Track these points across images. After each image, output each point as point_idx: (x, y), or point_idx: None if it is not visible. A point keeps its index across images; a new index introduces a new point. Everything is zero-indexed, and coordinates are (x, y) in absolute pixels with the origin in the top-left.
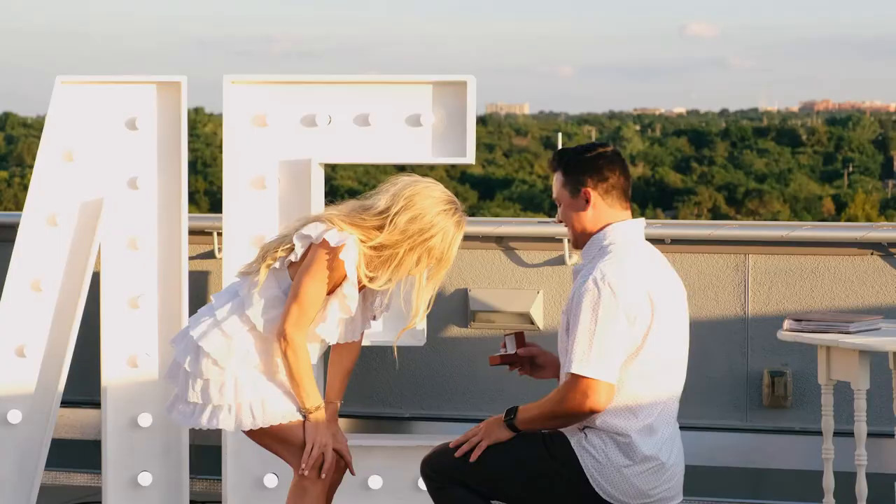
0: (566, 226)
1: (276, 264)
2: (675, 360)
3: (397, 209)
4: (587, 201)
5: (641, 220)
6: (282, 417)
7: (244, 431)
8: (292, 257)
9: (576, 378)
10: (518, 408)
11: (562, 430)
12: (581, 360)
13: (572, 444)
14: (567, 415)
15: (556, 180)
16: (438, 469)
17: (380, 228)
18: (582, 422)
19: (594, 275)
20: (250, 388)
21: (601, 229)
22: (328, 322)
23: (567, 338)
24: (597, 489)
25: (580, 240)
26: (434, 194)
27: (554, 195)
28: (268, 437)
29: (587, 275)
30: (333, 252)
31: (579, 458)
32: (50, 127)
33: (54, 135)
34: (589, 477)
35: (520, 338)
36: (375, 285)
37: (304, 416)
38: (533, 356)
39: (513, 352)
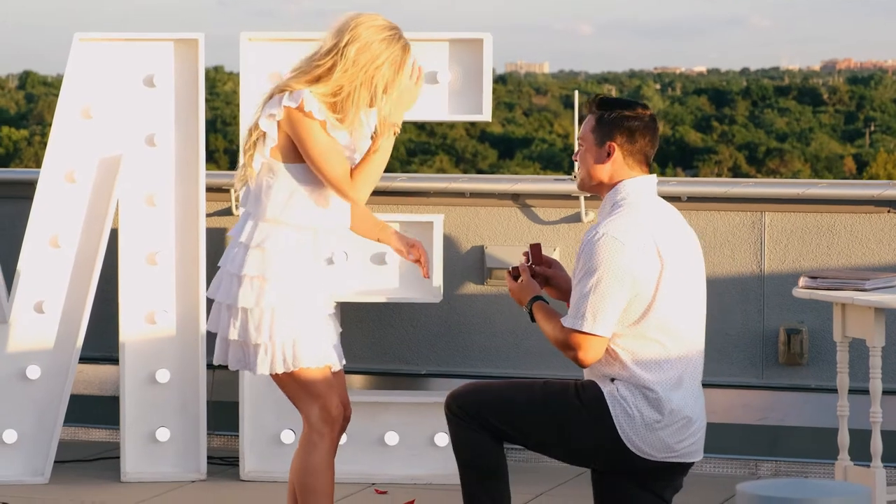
0: (580, 166)
1: (257, 159)
2: (692, 313)
3: (344, 42)
4: (609, 154)
5: (653, 177)
6: (313, 361)
7: (272, 376)
8: (269, 142)
9: (567, 331)
10: (540, 304)
11: (593, 379)
12: (575, 314)
13: (605, 394)
14: (561, 351)
15: (588, 122)
16: (465, 406)
17: (332, 69)
18: (609, 373)
19: (599, 229)
20: (286, 325)
21: (614, 185)
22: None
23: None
24: (625, 441)
25: (586, 184)
26: (377, 23)
27: (580, 134)
28: (293, 383)
29: (593, 229)
30: (302, 113)
31: (610, 408)
32: (68, 84)
33: (73, 92)
34: (618, 428)
35: (535, 250)
36: (346, 125)
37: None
38: (548, 277)
39: (528, 265)
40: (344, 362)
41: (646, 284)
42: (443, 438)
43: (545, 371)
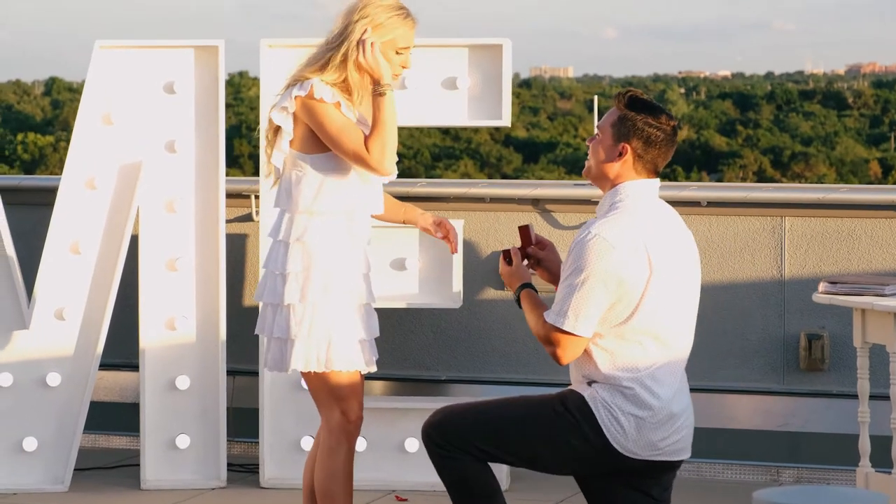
0: (590, 155)
1: (277, 156)
2: (680, 317)
3: (354, 20)
4: (621, 154)
5: (656, 181)
6: (344, 364)
7: (303, 373)
8: (286, 136)
9: (548, 327)
10: (528, 292)
11: (573, 388)
12: (558, 311)
13: (586, 398)
14: (541, 344)
15: (611, 115)
16: (446, 435)
17: (340, 50)
18: (588, 376)
19: (592, 229)
20: (325, 321)
21: (616, 185)
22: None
23: None
24: (612, 442)
25: (591, 173)
26: (385, 2)
27: (599, 123)
28: (320, 382)
29: (585, 229)
30: (313, 100)
31: (594, 411)
32: (89, 91)
33: (93, 99)
34: (604, 429)
35: (524, 233)
36: (356, 103)
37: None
38: (540, 259)
39: (519, 246)
40: (374, 366)
41: (632, 288)
42: None
43: (565, 377)
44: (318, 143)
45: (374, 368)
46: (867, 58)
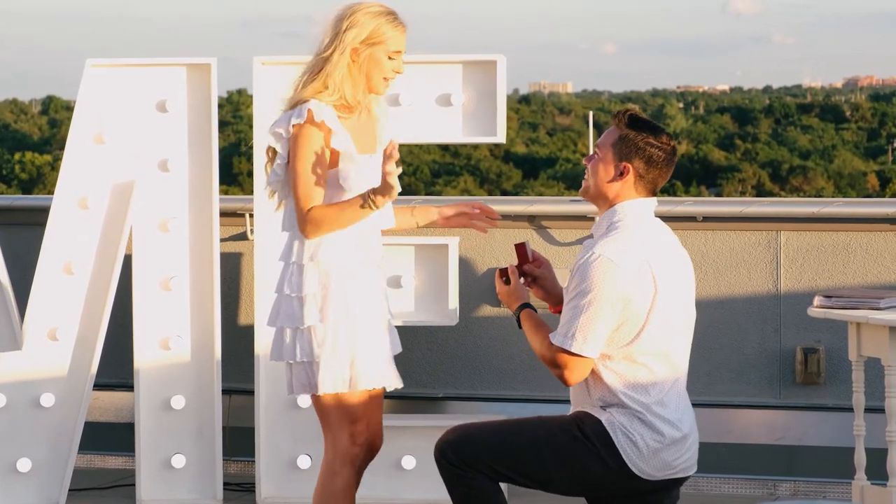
0: (589, 174)
1: (273, 178)
2: (681, 335)
3: (343, 28)
4: (622, 174)
5: (653, 200)
6: (369, 382)
7: (314, 395)
8: (280, 160)
9: (554, 349)
10: (528, 313)
11: (580, 403)
12: (564, 333)
13: (604, 422)
14: (545, 365)
15: (611, 134)
16: (462, 454)
17: (329, 59)
18: (600, 399)
19: (594, 250)
20: (347, 343)
21: (613, 205)
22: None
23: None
24: (630, 466)
25: (590, 193)
26: (374, 8)
27: (599, 141)
28: (335, 405)
29: (588, 249)
30: (311, 124)
31: (612, 436)
32: (80, 110)
33: (85, 118)
34: (623, 454)
35: (521, 250)
36: (361, 114)
37: (370, 201)
38: (536, 276)
39: (515, 264)
40: (401, 382)
41: (639, 307)
42: None
43: (563, 393)
44: None
45: (400, 384)
46: (864, 71)
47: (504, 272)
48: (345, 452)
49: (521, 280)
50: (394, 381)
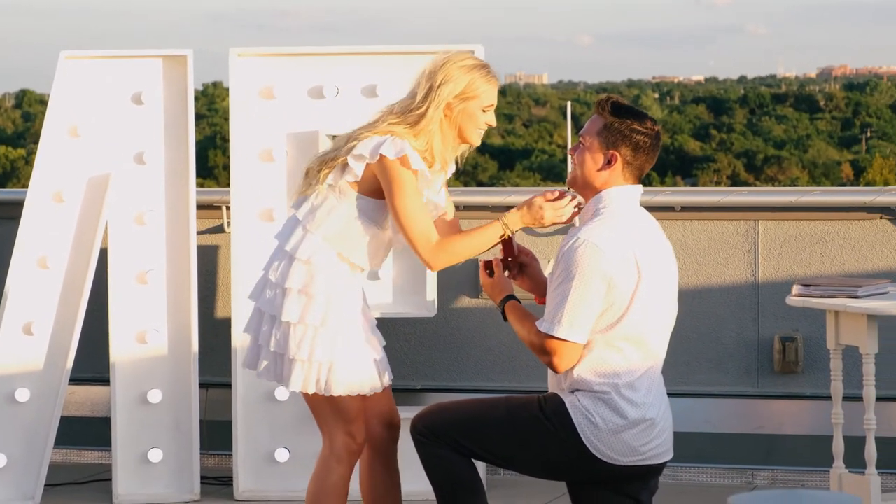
0: (576, 165)
1: (330, 179)
2: (662, 323)
3: (438, 83)
4: (610, 163)
5: (639, 187)
6: (346, 389)
7: (301, 392)
8: (349, 177)
9: (542, 336)
10: (513, 304)
11: (555, 392)
12: (551, 320)
13: (566, 404)
14: (535, 354)
15: (595, 122)
16: (431, 427)
17: (424, 115)
18: (570, 383)
19: (579, 235)
20: (327, 346)
21: (599, 192)
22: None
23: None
24: (590, 448)
25: (577, 183)
26: (467, 62)
27: (583, 131)
28: (325, 404)
29: (573, 236)
30: (400, 165)
31: (573, 417)
32: (55, 103)
33: (59, 110)
34: (581, 435)
35: (506, 243)
36: (436, 165)
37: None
38: (523, 265)
39: (501, 257)
40: (391, 378)
41: (622, 293)
42: None
43: (542, 384)
44: (373, 188)
45: (379, 388)
46: (838, 60)
47: (488, 265)
48: (341, 450)
49: (506, 273)
50: (373, 388)
